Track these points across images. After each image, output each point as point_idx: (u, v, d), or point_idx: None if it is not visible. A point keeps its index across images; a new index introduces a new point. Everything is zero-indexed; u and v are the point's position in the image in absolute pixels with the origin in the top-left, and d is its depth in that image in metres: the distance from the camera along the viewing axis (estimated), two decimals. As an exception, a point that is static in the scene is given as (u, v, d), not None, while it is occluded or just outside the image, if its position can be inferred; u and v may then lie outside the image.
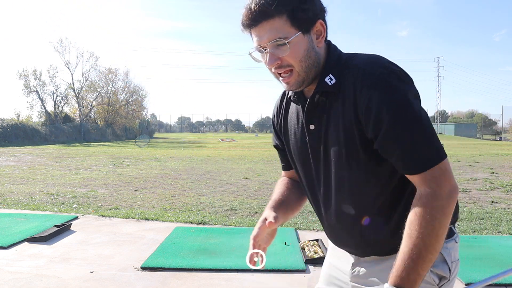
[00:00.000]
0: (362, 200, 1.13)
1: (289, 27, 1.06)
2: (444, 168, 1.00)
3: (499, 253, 3.97)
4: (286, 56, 1.07)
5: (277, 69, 1.10)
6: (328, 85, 1.10)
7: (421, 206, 0.98)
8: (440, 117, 69.19)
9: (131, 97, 48.55)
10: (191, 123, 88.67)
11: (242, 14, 1.09)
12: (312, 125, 1.15)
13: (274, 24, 1.05)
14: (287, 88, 1.14)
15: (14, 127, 31.37)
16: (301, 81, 1.11)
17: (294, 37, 1.06)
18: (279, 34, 1.05)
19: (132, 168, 11.96)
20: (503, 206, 6.39)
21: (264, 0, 1.04)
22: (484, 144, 34.89)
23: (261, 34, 1.07)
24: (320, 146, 1.15)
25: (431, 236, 0.96)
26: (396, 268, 0.97)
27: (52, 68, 41.28)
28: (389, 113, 1.00)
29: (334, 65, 1.11)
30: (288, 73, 1.09)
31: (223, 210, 5.95)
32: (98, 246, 4.18)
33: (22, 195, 7.16)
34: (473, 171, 11.26)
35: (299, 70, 1.09)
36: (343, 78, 1.09)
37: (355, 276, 1.22)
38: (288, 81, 1.11)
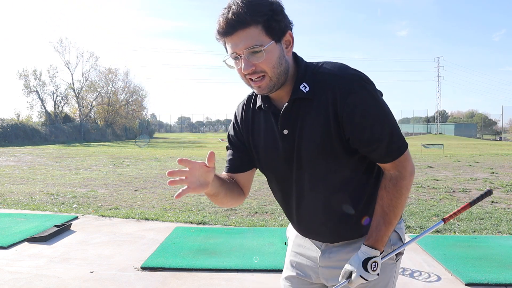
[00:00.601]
0: (335, 191, 1.26)
1: (264, 35, 1.14)
2: (407, 153, 1.23)
3: (499, 253, 3.97)
4: (260, 63, 1.15)
5: (250, 74, 1.17)
6: (304, 92, 1.20)
7: (392, 185, 1.21)
8: (440, 117, 69.14)
9: (131, 97, 48.57)
10: (191, 123, 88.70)
11: (218, 23, 1.15)
12: (286, 130, 1.24)
13: (250, 33, 1.13)
14: (258, 91, 1.21)
15: (14, 127, 31.37)
16: (272, 86, 1.18)
17: (268, 45, 1.14)
18: (255, 42, 1.13)
19: (132, 168, 11.96)
20: (503, 206, 6.40)
21: (241, 10, 1.11)
22: (484, 144, 34.88)
23: (237, 42, 1.14)
24: (293, 148, 1.24)
25: (399, 208, 1.22)
26: (371, 233, 1.22)
27: (52, 68, 41.30)
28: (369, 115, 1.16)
29: (305, 74, 1.21)
30: (260, 78, 1.17)
31: (223, 210, 5.95)
32: (98, 246, 4.18)
33: (22, 195, 7.16)
34: (473, 171, 11.26)
35: (271, 76, 1.17)
36: (315, 86, 1.19)
37: (325, 260, 1.35)
38: (260, 85, 1.18)
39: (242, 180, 1.40)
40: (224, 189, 1.31)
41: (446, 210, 5.98)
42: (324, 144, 1.20)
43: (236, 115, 1.40)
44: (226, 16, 1.13)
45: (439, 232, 4.82)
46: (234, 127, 1.39)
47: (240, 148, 1.38)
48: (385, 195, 1.22)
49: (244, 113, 1.37)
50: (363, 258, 1.19)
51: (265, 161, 1.33)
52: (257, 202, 6.53)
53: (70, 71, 41.33)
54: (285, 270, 1.49)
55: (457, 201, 6.73)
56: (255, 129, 1.33)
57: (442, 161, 14.51)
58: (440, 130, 62.23)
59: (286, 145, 1.25)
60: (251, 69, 1.15)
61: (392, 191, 1.21)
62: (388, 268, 1.31)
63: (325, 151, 1.20)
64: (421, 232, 4.82)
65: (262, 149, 1.33)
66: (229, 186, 1.34)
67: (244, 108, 1.37)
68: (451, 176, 10.09)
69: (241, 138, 1.38)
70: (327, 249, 1.35)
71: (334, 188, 1.26)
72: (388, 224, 1.21)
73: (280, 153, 1.27)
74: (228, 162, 1.41)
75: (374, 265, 1.19)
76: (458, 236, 4.64)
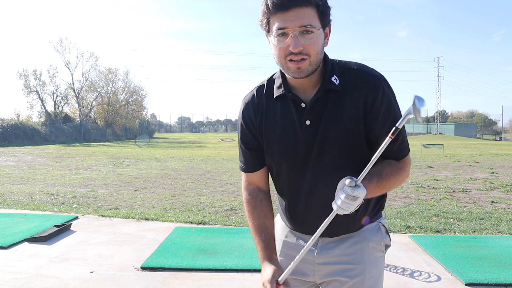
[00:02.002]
0: None
1: (317, 19, 1.15)
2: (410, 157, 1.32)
3: (499, 253, 3.97)
4: (309, 45, 1.14)
5: (295, 55, 1.15)
6: (335, 84, 1.22)
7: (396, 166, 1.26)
8: (440, 117, 69.14)
9: (131, 97, 48.56)
10: (191, 123, 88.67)
11: None
12: (308, 120, 1.24)
13: (307, 12, 1.13)
14: (295, 73, 1.18)
15: (14, 127, 31.37)
16: (310, 70, 1.18)
17: (319, 29, 1.15)
18: (310, 22, 1.13)
19: (132, 168, 11.96)
20: (503, 206, 6.39)
21: None
22: (484, 144, 34.87)
23: (292, 19, 1.12)
24: (314, 139, 1.25)
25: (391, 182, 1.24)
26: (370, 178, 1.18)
27: (52, 68, 41.40)
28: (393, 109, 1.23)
29: (333, 68, 1.24)
30: (302, 60, 1.16)
31: (223, 210, 5.95)
32: (98, 246, 4.18)
33: (22, 195, 7.16)
34: (473, 171, 11.26)
35: (312, 60, 1.17)
36: (345, 80, 1.23)
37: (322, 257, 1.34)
38: (300, 66, 1.16)
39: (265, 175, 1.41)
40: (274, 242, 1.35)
41: (446, 210, 5.98)
42: (351, 134, 1.23)
43: (244, 112, 1.36)
44: None
45: (439, 232, 4.82)
46: (247, 124, 1.35)
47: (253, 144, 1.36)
48: (387, 167, 1.25)
49: (256, 107, 1.34)
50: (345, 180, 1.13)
51: (280, 150, 1.30)
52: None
53: (70, 71, 41.40)
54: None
55: (457, 201, 6.73)
56: (270, 119, 1.31)
57: (442, 161, 14.51)
58: (440, 130, 62.22)
59: (307, 135, 1.25)
60: (299, 49, 1.14)
61: (395, 168, 1.25)
62: (380, 260, 1.36)
63: (350, 142, 1.24)
64: (420, 232, 4.80)
65: (277, 139, 1.30)
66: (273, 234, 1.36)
67: (256, 102, 1.34)
68: (451, 176, 10.09)
69: (255, 134, 1.35)
70: (323, 245, 1.34)
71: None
72: (380, 186, 1.21)
73: (299, 142, 1.26)
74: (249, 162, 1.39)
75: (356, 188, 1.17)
76: (458, 236, 4.64)
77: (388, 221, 5.25)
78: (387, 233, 1.39)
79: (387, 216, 5.53)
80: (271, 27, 1.16)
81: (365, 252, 1.33)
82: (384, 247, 1.37)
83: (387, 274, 3.45)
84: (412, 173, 10.83)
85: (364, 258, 1.32)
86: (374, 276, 1.33)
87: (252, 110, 1.34)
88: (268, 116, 1.31)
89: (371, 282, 1.32)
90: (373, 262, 1.33)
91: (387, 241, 1.37)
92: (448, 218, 5.51)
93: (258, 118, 1.33)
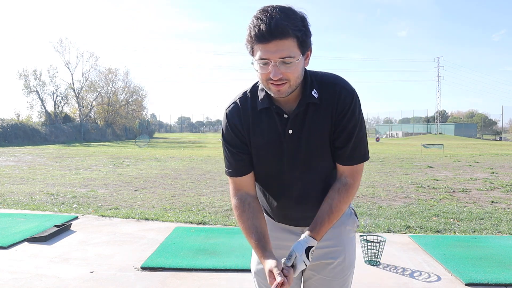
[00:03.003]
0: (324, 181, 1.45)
1: (297, 48, 1.25)
2: (362, 166, 1.43)
3: (499, 253, 3.97)
4: (288, 72, 1.26)
5: (275, 80, 1.27)
6: (315, 98, 1.36)
7: (344, 190, 1.39)
8: (440, 117, 69.11)
9: (131, 97, 48.54)
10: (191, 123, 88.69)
11: (255, 27, 1.22)
12: (291, 130, 1.38)
13: (287, 44, 1.22)
14: (276, 94, 1.31)
15: (14, 127, 31.36)
16: (290, 91, 1.31)
17: (299, 58, 1.26)
18: (289, 53, 1.23)
19: (132, 168, 11.96)
20: (503, 206, 6.39)
21: (284, 21, 1.21)
22: (484, 144, 34.87)
23: (272, 50, 1.22)
24: (296, 146, 1.39)
25: (342, 210, 1.40)
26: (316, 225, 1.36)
27: (52, 68, 41.44)
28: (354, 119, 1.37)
29: (312, 82, 1.37)
30: (281, 84, 1.28)
31: (223, 210, 5.95)
32: (98, 246, 4.18)
33: (22, 195, 7.16)
34: (473, 171, 11.26)
35: (292, 84, 1.30)
36: (322, 92, 1.37)
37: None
38: (280, 89, 1.29)
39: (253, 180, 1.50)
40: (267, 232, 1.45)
41: (446, 210, 5.99)
42: (325, 143, 1.40)
43: (231, 121, 1.44)
44: (267, 23, 1.20)
45: (439, 232, 4.82)
46: (234, 132, 1.44)
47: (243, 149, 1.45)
48: (336, 196, 1.39)
49: (242, 115, 1.44)
50: (306, 247, 1.32)
51: (265, 157, 1.44)
52: (257, 202, 6.53)
53: (70, 71, 41.37)
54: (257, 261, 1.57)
55: (457, 201, 6.73)
56: (256, 128, 1.43)
57: (442, 161, 14.51)
58: (440, 130, 62.20)
59: (290, 142, 1.39)
60: (279, 77, 1.25)
61: (343, 195, 1.39)
62: (353, 239, 1.59)
63: (324, 149, 1.41)
64: (420, 232, 4.80)
65: (265, 145, 1.43)
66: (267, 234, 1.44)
67: (242, 111, 1.44)
68: (451, 176, 10.09)
69: (243, 139, 1.45)
70: None
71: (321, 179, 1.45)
72: (331, 222, 1.38)
73: (283, 148, 1.40)
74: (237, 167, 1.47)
75: (312, 253, 1.34)
76: (458, 236, 4.64)
77: (388, 221, 5.26)
78: (355, 215, 1.60)
79: (387, 216, 5.53)
80: (255, 54, 1.27)
81: (343, 234, 1.54)
82: (356, 227, 1.59)
83: (387, 274, 3.46)
84: (412, 173, 10.84)
85: (343, 240, 1.53)
86: (352, 253, 1.57)
87: (238, 118, 1.44)
88: (254, 125, 1.43)
89: (351, 259, 1.56)
90: (350, 242, 1.56)
91: (357, 222, 1.61)
92: (448, 218, 5.51)
93: (245, 126, 1.43)
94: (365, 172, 10.77)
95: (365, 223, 5.11)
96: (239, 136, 1.44)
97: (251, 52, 1.29)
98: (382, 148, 26.22)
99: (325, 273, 1.52)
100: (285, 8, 1.24)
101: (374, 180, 9.35)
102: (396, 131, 66.54)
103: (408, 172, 11.10)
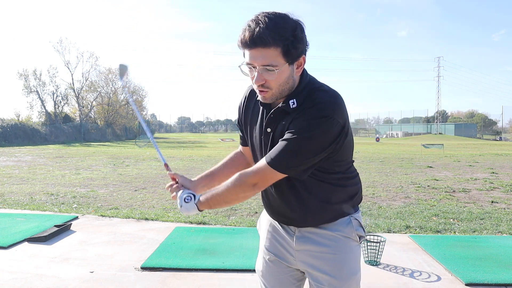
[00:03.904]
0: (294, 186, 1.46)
1: (281, 58, 1.28)
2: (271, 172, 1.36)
3: (499, 253, 3.97)
4: (270, 80, 1.32)
5: (259, 86, 1.34)
6: (290, 107, 1.37)
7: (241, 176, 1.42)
8: (440, 117, 69.11)
9: (131, 97, 48.51)
10: (191, 123, 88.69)
11: (242, 34, 1.29)
12: (269, 128, 1.44)
13: (269, 52, 1.27)
14: (262, 100, 1.40)
15: (14, 127, 31.36)
16: (274, 99, 1.38)
17: (282, 67, 1.29)
18: (271, 62, 1.28)
19: (132, 168, 11.96)
20: (503, 206, 6.39)
21: (266, 30, 1.24)
22: (484, 144, 34.87)
23: (255, 56, 1.29)
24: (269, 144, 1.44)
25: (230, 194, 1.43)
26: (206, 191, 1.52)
27: (52, 68, 41.44)
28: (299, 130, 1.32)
29: (300, 92, 1.37)
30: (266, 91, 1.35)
31: (223, 210, 5.94)
32: (98, 246, 4.18)
33: (22, 195, 7.16)
34: (473, 171, 11.26)
35: (274, 92, 1.35)
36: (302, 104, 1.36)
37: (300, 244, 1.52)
38: (264, 96, 1.37)
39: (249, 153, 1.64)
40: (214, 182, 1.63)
41: (446, 210, 5.99)
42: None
43: (243, 97, 1.61)
44: (251, 31, 1.26)
45: (439, 232, 4.82)
46: (239, 107, 1.61)
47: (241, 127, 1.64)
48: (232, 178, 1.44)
49: (248, 98, 1.57)
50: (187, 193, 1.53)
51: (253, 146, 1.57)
52: (257, 202, 6.52)
53: (70, 71, 41.41)
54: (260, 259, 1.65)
55: (457, 201, 6.73)
56: (254, 117, 1.53)
57: (442, 161, 14.51)
58: (440, 130, 62.21)
59: (266, 139, 1.46)
60: (261, 83, 1.32)
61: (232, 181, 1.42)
62: (355, 248, 1.53)
63: None
64: (420, 232, 4.80)
65: (252, 134, 1.55)
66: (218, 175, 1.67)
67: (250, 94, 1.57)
68: (451, 176, 10.09)
69: (241, 118, 1.61)
70: (300, 234, 1.52)
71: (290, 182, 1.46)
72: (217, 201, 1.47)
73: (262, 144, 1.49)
74: (240, 137, 1.71)
75: (187, 200, 1.51)
76: (458, 236, 4.64)
77: (388, 221, 5.26)
78: (360, 225, 1.53)
79: (387, 216, 5.53)
80: (245, 57, 1.34)
81: (338, 241, 1.49)
82: (357, 238, 1.53)
83: (387, 274, 3.46)
84: (412, 173, 10.84)
85: (339, 247, 1.49)
86: (352, 261, 1.51)
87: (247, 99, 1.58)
88: (254, 114, 1.53)
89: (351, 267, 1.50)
90: (348, 251, 1.50)
91: (359, 233, 1.53)
92: (448, 218, 5.51)
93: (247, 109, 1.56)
94: (365, 172, 10.78)
95: (365, 223, 5.11)
96: (240, 113, 1.61)
97: (243, 54, 1.36)
98: (382, 148, 26.22)
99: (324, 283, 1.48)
100: (276, 17, 1.27)
101: (374, 180, 9.35)
102: (396, 131, 66.57)
103: (408, 172, 11.10)
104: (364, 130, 76.13)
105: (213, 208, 1.52)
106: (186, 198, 1.51)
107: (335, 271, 1.47)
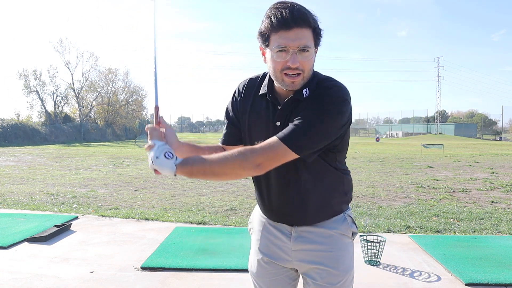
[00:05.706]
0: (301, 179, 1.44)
1: (312, 40, 1.31)
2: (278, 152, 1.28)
3: (499, 253, 3.97)
4: (304, 62, 1.30)
5: (291, 70, 1.30)
6: (303, 96, 1.36)
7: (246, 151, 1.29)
8: (440, 117, 69.11)
9: (131, 97, 48.51)
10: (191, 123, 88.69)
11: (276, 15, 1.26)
12: (279, 122, 1.40)
13: (307, 33, 1.28)
14: (289, 86, 1.34)
15: (14, 127, 31.36)
16: (302, 84, 1.34)
17: (313, 50, 1.31)
18: (308, 43, 1.28)
19: (132, 168, 11.96)
20: (503, 206, 6.39)
21: (304, 11, 1.27)
22: (484, 144, 34.88)
23: (292, 38, 1.27)
24: None
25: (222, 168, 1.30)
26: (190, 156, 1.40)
27: (52, 68, 41.38)
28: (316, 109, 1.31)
29: (312, 81, 1.37)
30: (296, 75, 1.31)
31: (223, 210, 5.95)
32: (98, 246, 4.18)
33: (22, 195, 7.16)
34: (473, 171, 11.26)
35: (305, 76, 1.33)
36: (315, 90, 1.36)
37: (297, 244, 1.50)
38: (294, 80, 1.32)
39: None
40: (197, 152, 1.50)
41: (446, 210, 5.99)
42: None
43: (237, 93, 1.54)
44: (291, 10, 1.25)
45: (439, 232, 4.82)
46: (233, 103, 1.54)
47: (234, 123, 1.54)
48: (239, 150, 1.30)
49: (244, 93, 1.52)
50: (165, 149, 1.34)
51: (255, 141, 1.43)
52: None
53: (70, 71, 41.36)
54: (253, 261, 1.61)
55: (457, 201, 6.73)
56: (253, 111, 1.48)
57: (442, 161, 14.51)
58: (440, 130, 62.21)
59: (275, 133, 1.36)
60: (297, 65, 1.29)
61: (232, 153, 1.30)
62: (349, 245, 1.54)
63: None
64: (420, 232, 4.80)
65: (254, 130, 1.48)
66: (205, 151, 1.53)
67: (246, 89, 1.52)
68: (451, 176, 10.09)
69: (237, 115, 1.53)
70: (297, 234, 1.50)
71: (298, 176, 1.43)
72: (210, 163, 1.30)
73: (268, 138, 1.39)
74: (223, 135, 1.59)
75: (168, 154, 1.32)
76: (458, 236, 4.64)
77: (388, 221, 5.26)
78: (353, 222, 1.55)
79: (387, 216, 5.53)
80: (271, 43, 1.30)
81: (334, 239, 1.49)
82: (351, 235, 1.54)
83: (387, 274, 3.46)
84: (412, 173, 10.84)
85: (335, 245, 1.49)
86: (347, 258, 1.51)
87: (242, 93, 1.52)
88: (253, 107, 1.48)
89: (346, 264, 1.50)
90: (344, 248, 1.50)
91: (353, 229, 1.54)
92: (448, 218, 5.51)
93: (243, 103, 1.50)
94: (365, 172, 10.79)
95: (365, 223, 5.11)
96: (234, 109, 1.54)
97: (265, 43, 1.33)
98: (382, 148, 26.22)
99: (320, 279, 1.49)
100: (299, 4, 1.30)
101: (374, 180, 9.35)
102: (396, 131, 66.57)
103: (408, 172, 11.10)
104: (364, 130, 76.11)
105: (192, 177, 1.33)
106: (168, 154, 1.31)
107: (332, 267, 1.48)
